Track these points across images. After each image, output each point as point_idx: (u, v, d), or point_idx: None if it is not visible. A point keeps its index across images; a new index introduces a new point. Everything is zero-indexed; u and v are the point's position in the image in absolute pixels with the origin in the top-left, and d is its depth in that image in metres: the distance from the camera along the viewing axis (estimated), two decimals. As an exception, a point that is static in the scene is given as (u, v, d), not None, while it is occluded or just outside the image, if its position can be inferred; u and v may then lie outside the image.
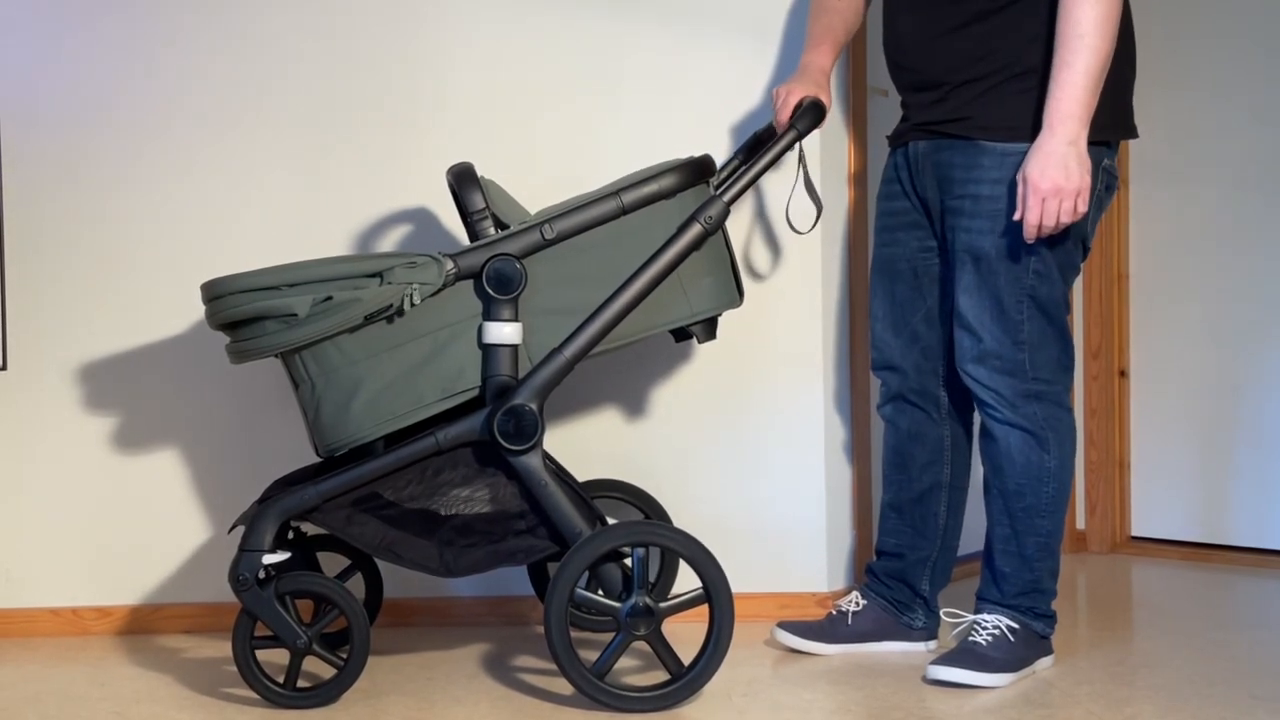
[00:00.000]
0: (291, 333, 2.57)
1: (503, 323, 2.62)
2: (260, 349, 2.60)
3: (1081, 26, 2.58)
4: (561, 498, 2.63)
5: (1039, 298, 2.73)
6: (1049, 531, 2.82)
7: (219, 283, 2.61)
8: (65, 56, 3.21)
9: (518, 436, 2.62)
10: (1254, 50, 3.86)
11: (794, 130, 2.78)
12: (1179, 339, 4.00)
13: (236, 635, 2.64)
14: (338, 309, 2.56)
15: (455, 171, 2.72)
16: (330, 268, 2.59)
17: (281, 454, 3.20)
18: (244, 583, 2.61)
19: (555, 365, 2.64)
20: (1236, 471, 3.91)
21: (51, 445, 3.23)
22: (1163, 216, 4.01)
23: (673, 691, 2.60)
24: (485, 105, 3.25)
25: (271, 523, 2.63)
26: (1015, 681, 2.76)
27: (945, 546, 3.01)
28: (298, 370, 2.64)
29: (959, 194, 2.75)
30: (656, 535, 2.62)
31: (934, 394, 2.94)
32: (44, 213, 3.22)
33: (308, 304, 2.56)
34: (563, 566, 2.59)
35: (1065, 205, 2.62)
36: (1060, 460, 2.79)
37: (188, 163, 3.23)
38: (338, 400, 2.62)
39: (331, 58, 3.24)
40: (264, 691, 2.65)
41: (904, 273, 2.91)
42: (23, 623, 3.23)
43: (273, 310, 2.56)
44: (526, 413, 2.61)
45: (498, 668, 2.92)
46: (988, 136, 2.72)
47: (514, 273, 2.61)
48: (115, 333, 3.23)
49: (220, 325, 2.64)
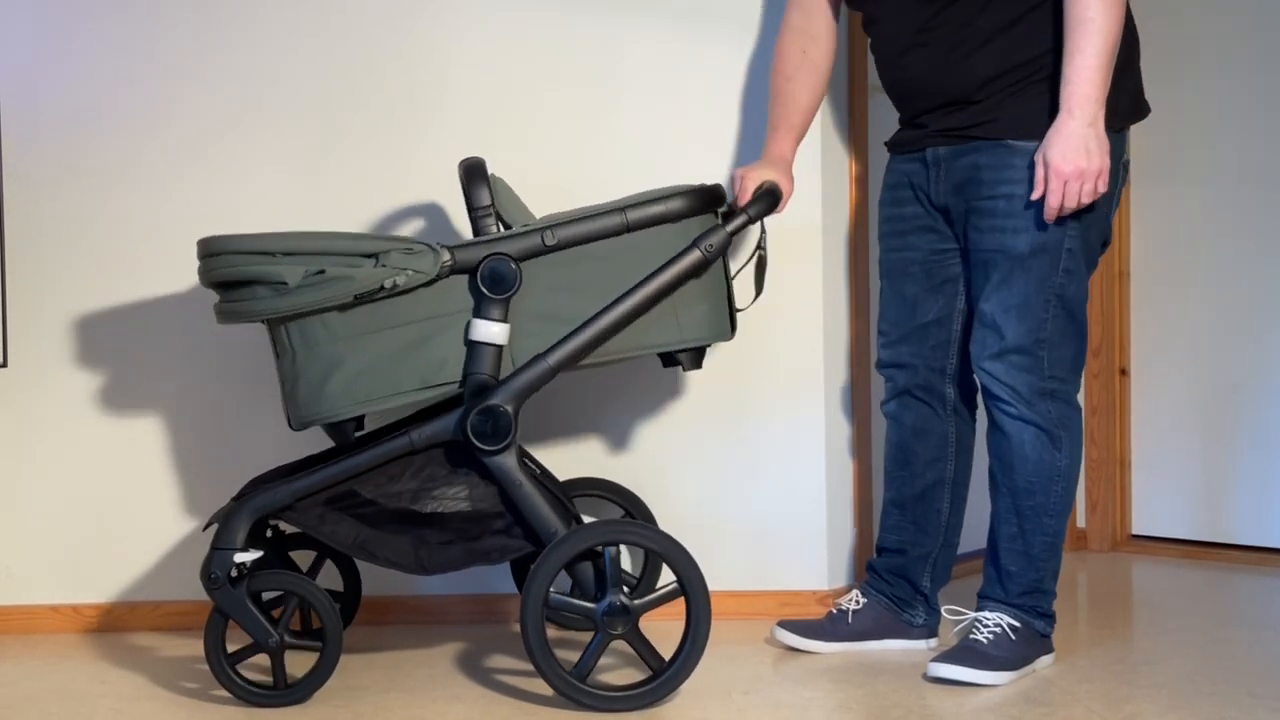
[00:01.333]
0: (279, 300, 2.56)
1: (492, 321, 2.62)
2: (248, 312, 2.59)
3: (1089, 11, 2.60)
4: (537, 498, 2.63)
5: (1066, 296, 2.74)
6: (1056, 531, 2.82)
7: (215, 241, 2.60)
8: (66, 54, 3.21)
9: (492, 437, 2.62)
10: (1255, 48, 3.86)
11: (745, 215, 2.79)
12: (1180, 337, 4.00)
13: (209, 634, 2.63)
14: (328, 284, 2.55)
15: (466, 165, 2.71)
16: (329, 242, 2.58)
17: (282, 452, 3.21)
18: (216, 581, 2.61)
19: (537, 371, 2.64)
20: (1237, 469, 3.91)
21: (52, 442, 3.23)
22: (1164, 214, 4.01)
23: (653, 689, 2.60)
24: (484, 104, 3.25)
25: (244, 521, 2.63)
26: (1016, 680, 2.76)
27: (946, 544, 3.01)
28: (281, 340, 2.63)
29: (989, 195, 2.74)
30: (629, 533, 2.62)
31: (941, 390, 2.94)
32: (44, 210, 3.22)
33: (300, 274, 2.55)
34: (537, 567, 2.59)
35: (1086, 187, 2.64)
36: (1071, 460, 2.79)
37: (188, 160, 3.23)
38: (316, 376, 2.61)
39: (330, 56, 3.24)
40: (237, 691, 2.65)
41: (916, 274, 2.91)
42: (23, 619, 3.23)
43: (264, 276, 2.55)
44: (502, 414, 2.61)
45: (492, 667, 2.92)
46: (1017, 136, 2.71)
47: (509, 273, 2.61)
48: (116, 330, 3.23)
49: (212, 283, 2.63)
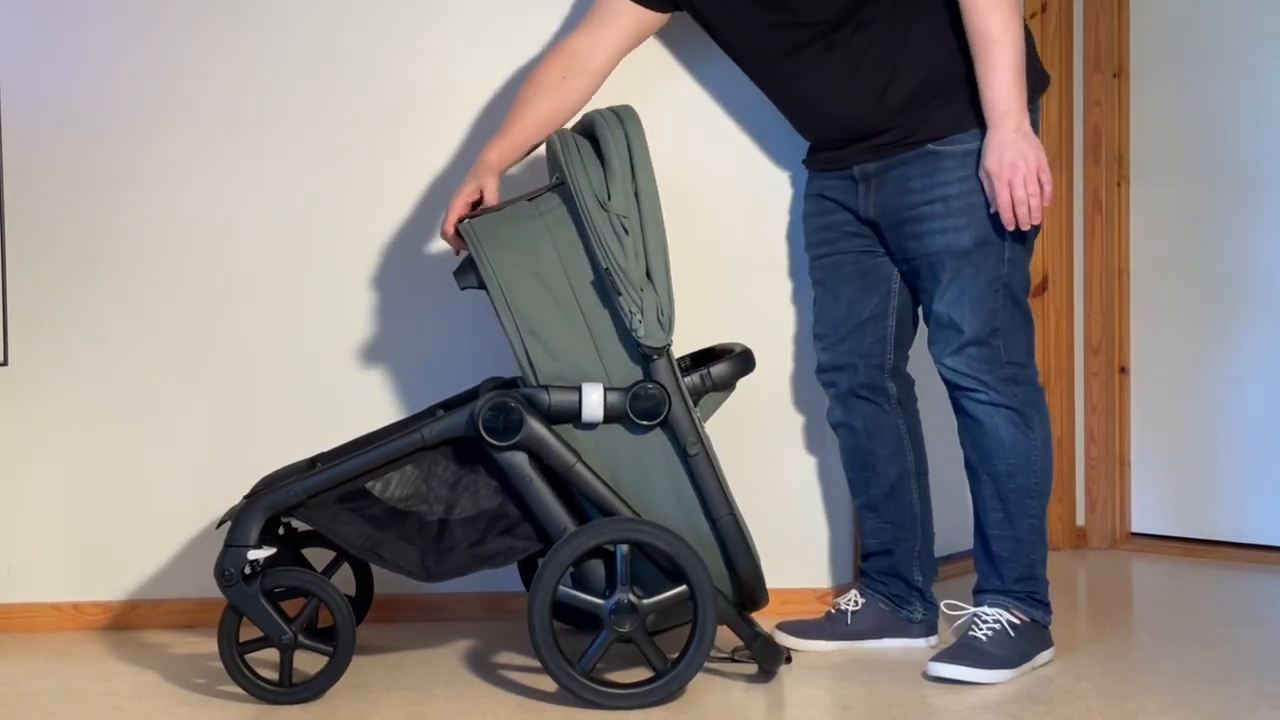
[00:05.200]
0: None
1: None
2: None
3: (991, 33, 2.68)
4: (548, 494, 2.64)
5: (1011, 284, 2.79)
6: (1038, 513, 2.85)
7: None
8: (68, 53, 3.21)
9: (504, 432, 2.62)
10: (1255, 46, 3.86)
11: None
12: (1179, 335, 4.00)
13: (222, 632, 2.64)
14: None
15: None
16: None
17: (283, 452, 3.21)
18: (229, 578, 2.61)
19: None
20: (1236, 468, 3.92)
21: (52, 442, 3.23)
22: (1163, 213, 4.01)
23: (659, 687, 2.60)
24: (485, 103, 3.25)
25: (257, 518, 2.64)
26: (1016, 677, 2.77)
27: (925, 534, 3.04)
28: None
29: (925, 200, 2.79)
30: (639, 532, 2.61)
31: (883, 386, 2.98)
32: (45, 210, 3.21)
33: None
34: (545, 564, 2.59)
35: (1031, 185, 2.69)
36: (1043, 440, 2.83)
37: (189, 160, 3.23)
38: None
39: (333, 57, 3.23)
40: (251, 688, 2.65)
41: (850, 275, 2.95)
42: (24, 618, 3.23)
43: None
44: (513, 409, 2.62)
45: (498, 664, 2.93)
46: (941, 140, 2.77)
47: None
48: (116, 329, 3.23)
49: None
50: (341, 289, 3.25)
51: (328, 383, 3.25)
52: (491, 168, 2.87)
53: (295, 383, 3.25)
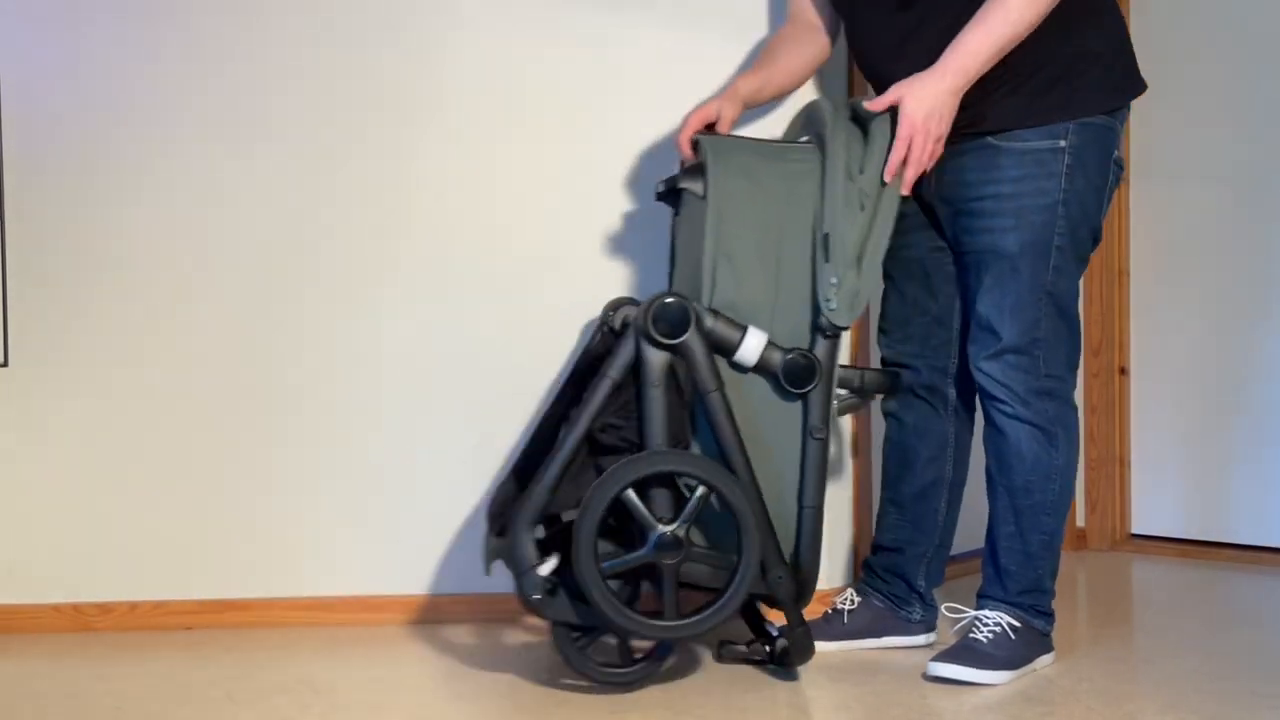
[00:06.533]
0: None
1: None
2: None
3: (1010, 2, 2.60)
4: (660, 407, 2.62)
5: (1057, 294, 2.74)
6: (1053, 530, 2.82)
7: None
8: (69, 52, 3.21)
9: (671, 328, 2.59)
10: (1255, 46, 3.86)
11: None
12: (1179, 336, 4.00)
13: (558, 641, 2.67)
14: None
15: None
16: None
17: (283, 451, 3.21)
18: (539, 603, 2.61)
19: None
20: (1236, 469, 3.92)
21: (53, 441, 3.23)
22: (1163, 213, 4.01)
23: (704, 618, 2.58)
24: (485, 102, 3.25)
25: (525, 537, 2.61)
26: (1015, 679, 2.77)
27: (942, 544, 3.02)
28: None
29: (976, 195, 2.75)
30: (717, 478, 2.57)
31: (942, 390, 2.95)
32: (46, 209, 3.21)
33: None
34: (609, 473, 2.56)
35: (928, 148, 2.64)
36: (1067, 459, 2.80)
37: (190, 159, 3.23)
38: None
39: (335, 57, 3.23)
40: (600, 677, 2.67)
41: (916, 273, 2.91)
42: (24, 618, 3.23)
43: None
44: (687, 310, 2.60)
45: (501, 664, 2.93)
46: (1002, 135, 2.72)
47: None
48: (117, 328, 3.23)
49: None
50: (343, 289, 3.25)
51: (328, 383, 3.25)
52: (738, 96, 2.90)
53: (296, 383, 3.25)
